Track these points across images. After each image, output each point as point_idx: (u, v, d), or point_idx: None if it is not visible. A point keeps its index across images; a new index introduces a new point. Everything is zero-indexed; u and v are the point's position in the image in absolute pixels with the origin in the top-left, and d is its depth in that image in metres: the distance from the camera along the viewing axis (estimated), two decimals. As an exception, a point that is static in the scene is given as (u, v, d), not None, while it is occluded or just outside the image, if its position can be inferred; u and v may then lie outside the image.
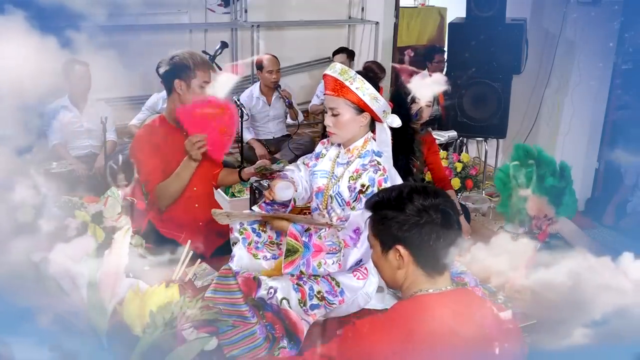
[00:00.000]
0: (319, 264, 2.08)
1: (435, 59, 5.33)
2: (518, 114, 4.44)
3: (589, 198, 4.13)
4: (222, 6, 5.97)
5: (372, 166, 2.22)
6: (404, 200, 1.46)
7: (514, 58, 4.08)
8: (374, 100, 2.21)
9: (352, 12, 6.59)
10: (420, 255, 1.45)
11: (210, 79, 2.59)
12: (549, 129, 4.37)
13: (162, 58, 2.59)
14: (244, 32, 5.98)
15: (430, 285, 1.47)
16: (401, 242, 1.45)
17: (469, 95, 4.25)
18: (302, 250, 2.08)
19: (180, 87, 2.55)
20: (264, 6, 6.15)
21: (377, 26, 6.24)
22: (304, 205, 2.79)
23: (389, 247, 1.48)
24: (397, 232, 1.45)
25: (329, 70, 2.23)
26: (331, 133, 2.29)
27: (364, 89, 2.19)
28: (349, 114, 2.23)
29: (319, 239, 2.12)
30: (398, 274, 1.49)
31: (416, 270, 1.47)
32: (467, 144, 4.73)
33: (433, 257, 1.45)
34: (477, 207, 4.05)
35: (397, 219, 1.44)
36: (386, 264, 1.51)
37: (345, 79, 2.19)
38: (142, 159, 2.55)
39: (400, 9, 6.48)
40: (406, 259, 1.46)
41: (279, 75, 4.62)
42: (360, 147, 2.29)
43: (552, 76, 4.29)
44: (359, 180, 2.21)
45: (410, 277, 1.48)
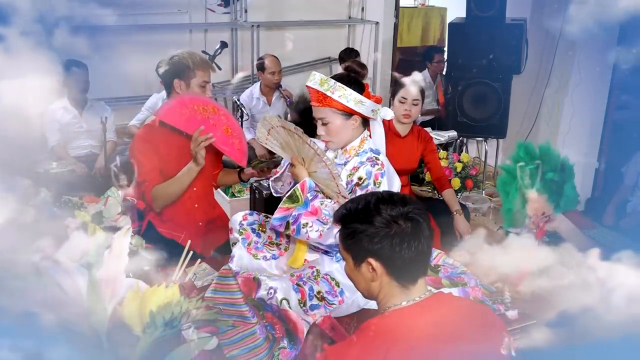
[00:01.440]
0: (305, 224, 2.11)
1: (435, 59, 5.33)
2: (518, 114, 4.44)
3: (589, 198, 4.13)
4: (222, 6, 5.97)
5: (369, 161, 2.21)
6: (372, 212, 1.43)
7: (514, 58, 4.08)
8: (360, 104, 2.19)
9: (352, 12, 6.59)
10: (393, 266, 1.42)
11: (210, 78, 2.58)
12: (549, 129, 4.36)
13: (162, 58, 2.59)
14: (244, 32, 5.98)
15: (404, 296, 1.44)
16: (373, 255, 1.42)
17: (469, 95, 4.25)
18: (301, 204, 2.11)
19: (179, 87, 2.54)
20: (264, 6, 6.15)
21: (377, 26, 6.23)
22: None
23: (361, 261, 1.45)
24: (368, 245, 1.42)
25: (310, 82, 2.21)
26: (326, 142, 2.28)
27: (347, 96, 2.16)
28: (338, 121, 2.22)
29: (320, 204, 2.14)
30: (372, 285, 1.47)
31: (390, 282, 1.44)
32: (467, 144, 4.74)
33: (405, 267, 1.43)
34: (477, 207, 4.06)
35: (367, 232, 1.41)
36: (359, 277, 1.49)
37: (326, 90, 2.17)
38: (140, 159, 2.53)
39: (400, 9, 6.48)
40: (379, 271, 1.43)
41: (280, 76, 4.63)
42: (357, 147, 2.28)
43: (552, 76, 4.29)
44: (355, 174, 2.21)
45: (385, 289, 1.45)
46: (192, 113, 2.46)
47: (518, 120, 4.47)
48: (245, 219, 2.44)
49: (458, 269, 2.87)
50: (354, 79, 2.24)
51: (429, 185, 3.91)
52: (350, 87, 2.18)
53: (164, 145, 2.58)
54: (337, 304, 2.14)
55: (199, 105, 2.47)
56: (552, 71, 4.27)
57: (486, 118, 4.24)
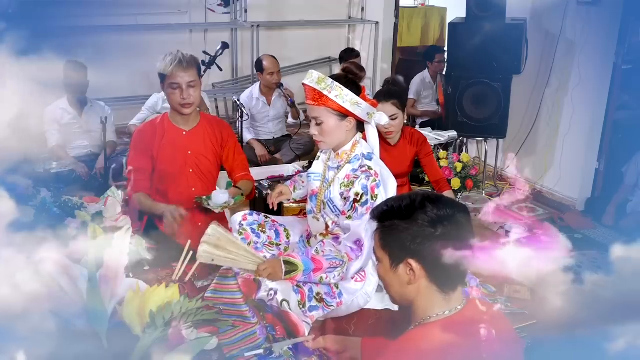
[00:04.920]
0: (321, 278, 2.09)
1: (436, 59, 5.33)
2: (518, 114, 4.43)
3: (589, 198, 4.13)
4: (222, 6, 5.97)
5: (363, 172, 2.17)
6: (417, 210, 1.33)
7: (514, 58, 4.08)
8: (355, 105, 2.17)
9: (352, 12, 6.60)
10: (434, 270, 1.33)
11: (182, 81, 2.55)
12: (549, 129, 4.36)
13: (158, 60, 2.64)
14: (244, 32, 5.98)
15: (445, 305, 1.35)
16: (414, 255, 1.33)
17: (469, 95, 4.25)
18: (301, 267, 2.04)
19: (163, 88, 2.64)
20: (264, 6, 6.16)
21: (377, 26, 6.24)
22: (301, 206, 2.80)
23: (400, 261, 1.35)
24: (410, 245, 1.32)
25: (307, 80, 2.18)
26: (318, 142, 2.26)
27: (343, 96, 2.14)
28: (332, 121, 2.19)
29: (316, 253, 2.11)
30: (408, 290, 1.37)
31: (429, 287, 1.35)
32: (467, 144, 4.73)
33: (447, 273, 1.33)
34: (477, 207, 4.05)
35: (410, 230, 1.32)
36: (395, 279, 1.38)
37: (323, 88, 2.14)
38: (134, 151, 2.69)
39: (400, 9, 6.48)
40: (418, 274, 1.34)
41: (279, 76, 4.62)
42: (349, 151, 2.26)
43: (552, 76, 4.28)
44: (352, 188, 2.17)
45: (424, 295, 1.36)
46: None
47: (518, 120, 4.47)
48: (245, 219, 2.44)
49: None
50: (352, 80, 2.22)
51: (429, 185, 3.91)
52: (347, 87, 2.16)
53: (161, 138, 2.68)
54: (336, 306, 2.14)
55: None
56: (552, 71, 4.27)
57: (486, 118, 4.23)
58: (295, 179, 2.66)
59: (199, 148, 2.73)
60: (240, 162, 2.85)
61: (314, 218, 2.35)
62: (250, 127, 4.67)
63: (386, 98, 3.03)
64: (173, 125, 2.72)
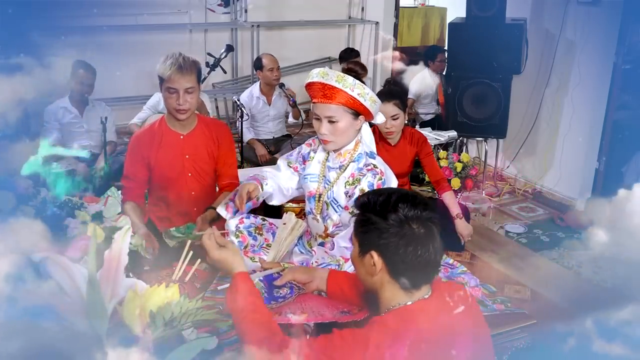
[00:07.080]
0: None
1: (437, 58, 5.32)
2: (518, 114, 4.43)
3: (589, 198, 4.13)
4: (222, 6, 5.98)
5: (369, 170, 2.18)
6: (389, 208, 1.40)
7: (514, 58, 4.08)
8: (374, 104, 2.18)
9: (352, 12, 6.60)
10: (395, 267, 1.39)
11: (180, 86, 2.51)
12: (549, 129, 4.36)
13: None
14: (244, 32, 5.98)
15: (407, 298, 1.41)
16: (377, 249, 1.40)
17: (469, 95, 4.25)
18: None
19: (161, 90, 2.60)
20: (264, 6, 6.16)
21: (377, 26, 6.24)
22: (301, 207, 2.79)
23: (365, 251, 1.43)
24: (375, 239, 1.40)
25: (322, 78, 2.14)
26: (327, 141, 2.23)
27: (365, 94, 2.14)
28: (346, 120, 2.18)
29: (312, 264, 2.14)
30: (372, 280, 1.44)
31: (391, 282, 1.41)
32: (467, 144, 4.73)
33: (408, 272, 1.39)
34: (477, 207, 4.06)
35: (378, 226, 1.40)
36: (361, 266, 1.47)
37: (344, 87, 2.11)
38: (129, 158, 2.69)
39: (400, 8, 6.48)
40: (379, 267, 1.41)
41: (279, 72, 4.62)
42: (352, 150, 2.26)
43: (552, 76, 4.28)
44: (357, 185, 2.17)
45: (387, 289, 1.43)
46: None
47: (518, 120, 4.47)
48: (242, 223, 2.41)
49: (458, 269, 2.87)
50: (358, 79, 2.21)
51: (429, 185, 3.91)
52: None
53: (159, 144, 2.65)
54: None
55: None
56: (552, 71, 4.27)
57: (486, 118, 4.23)
58: (257, 174, 2.49)
59: (197, 152, 2.69)
60: (229, 167, 2.77)
61: (313, 219, 2.35)
62: (250, 127, 4.66)
63: (388, 98, 3.03)
64: (170, 130, 2.67)
